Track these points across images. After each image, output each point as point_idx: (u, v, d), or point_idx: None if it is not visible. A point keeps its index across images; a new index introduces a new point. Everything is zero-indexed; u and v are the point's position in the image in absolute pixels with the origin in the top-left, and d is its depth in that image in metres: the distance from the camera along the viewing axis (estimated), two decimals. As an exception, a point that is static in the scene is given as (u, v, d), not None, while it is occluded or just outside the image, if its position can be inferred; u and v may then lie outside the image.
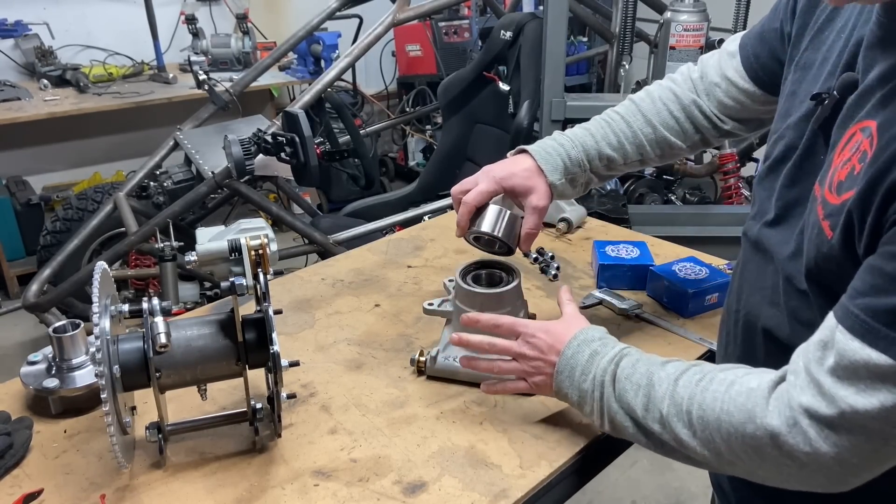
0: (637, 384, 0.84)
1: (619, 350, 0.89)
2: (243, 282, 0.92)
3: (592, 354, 0.90)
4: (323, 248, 2.46)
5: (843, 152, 0.71)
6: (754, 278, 0.89)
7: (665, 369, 0.83)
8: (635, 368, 0.85)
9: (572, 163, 1.09)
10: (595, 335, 0.93)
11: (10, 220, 3.54)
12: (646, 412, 0.82)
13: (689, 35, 2.17)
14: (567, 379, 0.92)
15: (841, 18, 0.82)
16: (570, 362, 0.91)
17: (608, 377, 0.87)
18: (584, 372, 0.90)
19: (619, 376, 0.86)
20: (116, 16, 4.01)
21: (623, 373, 0.86)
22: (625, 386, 0.85)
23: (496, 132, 2.91)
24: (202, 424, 1.01)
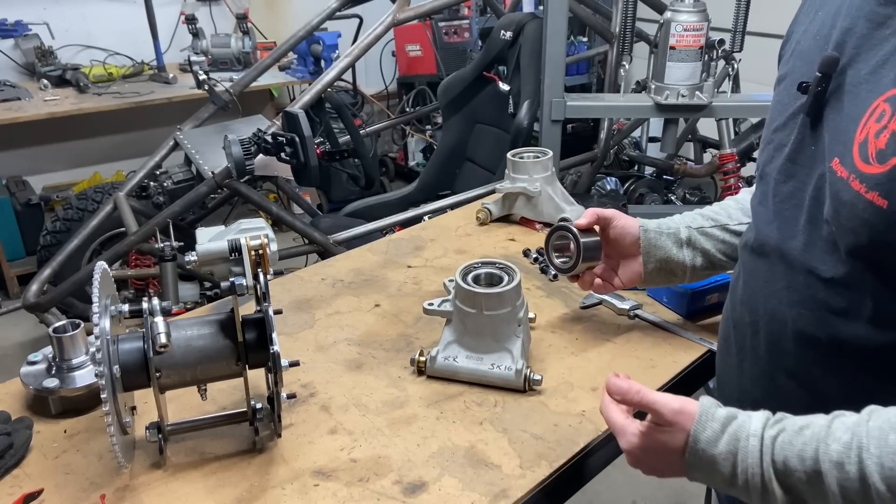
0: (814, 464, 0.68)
1: (757, 434, 0.72)
2: (243, 282, 0.92)
3: (728, 458, 0.74)
4: (323, 248, 2.46)
5: (870, 124, 0.71)
6: (765, 283, 0.87)
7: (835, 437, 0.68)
8: (803, 449, 0.69)
9: None
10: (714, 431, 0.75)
11: (10, 220, 3.54)
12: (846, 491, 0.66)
13: (689, 35, 2.16)
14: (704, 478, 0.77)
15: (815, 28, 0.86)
16: (704, 469, 0.76)
17: (768, 476, 0.71)
18: (729, 481, 0.74)
19: (786, 467, 0.70)
20: (116, 16, 4.01)
21: (790, 463, 0.70)
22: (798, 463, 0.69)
23: (496, 132, 2.91)
24: (202, 424, 1.01)
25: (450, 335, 1.14)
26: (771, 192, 0.86)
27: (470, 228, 1.69)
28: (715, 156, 3.22)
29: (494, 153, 2.86)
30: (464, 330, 1.12)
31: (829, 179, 0.76)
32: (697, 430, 0.75)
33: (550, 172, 1.66)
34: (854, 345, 0.75)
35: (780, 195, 0.85)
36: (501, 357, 1.10)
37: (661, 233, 1.12)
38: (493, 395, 1.09)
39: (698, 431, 0.75)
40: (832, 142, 0.76)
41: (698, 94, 2.23)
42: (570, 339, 1.23)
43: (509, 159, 1.65)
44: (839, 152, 0.74)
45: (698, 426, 0.75)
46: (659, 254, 1.12)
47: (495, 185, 1.73)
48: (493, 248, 1.59)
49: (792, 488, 0.70)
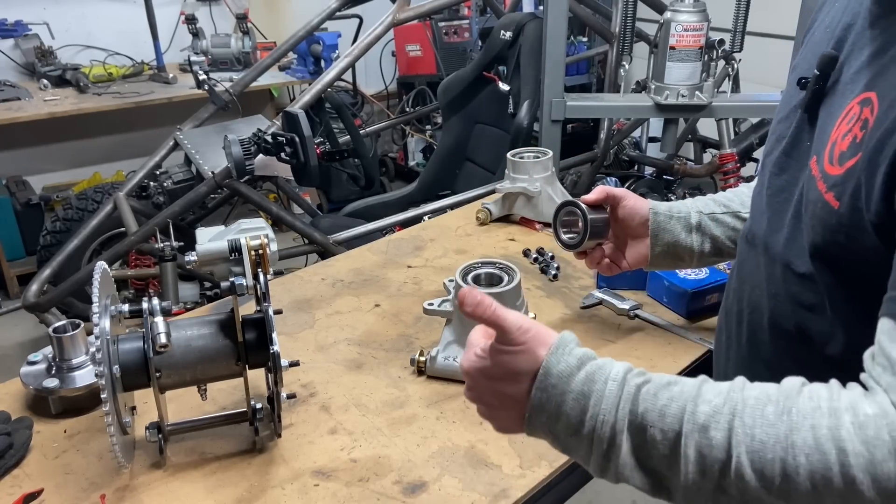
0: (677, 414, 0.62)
1: (619, 379, 0.66)
2: (243, 282, 0.92)
3: (581, 399, 0.66)
4: (323, 248, 2.46)
5: (841, 126, 0.72)
6: (751, 274, 0.89)
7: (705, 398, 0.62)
8: (665, 405, 0.63)
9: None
10: (570, 364, 0.67)
11: (10, 220, 3.54)
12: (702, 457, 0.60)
13: (689, 35, 2.16)
14: (548, 419, 0.68)
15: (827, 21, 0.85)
16: (549, 399, 0.67)
17: (619, 427, 0.65)
18: (575, 423, 0.67)
19: (645, 419, 0.64)
20: (116, 16, 4.01)
21: (649, 414, 0.63)
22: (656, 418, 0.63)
23: (496, 132, 2.91)
24: (202, 424, 1.01)
25: (450, 335, 1.14)
26: (766, 183, 0.88)
27: (470, 228, 1.69)
28: (715, 156, 3.22)
29: (494, 153, 2.86)
30: (464, 330, 1.12)
31: (806, 178, 0.77)
32: (551, 361, 0.66)
33: (550, 172, 1.66)
34: (820, 340, 0.76)
35: (773, 187, 0.86)
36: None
37: (670, 216, 1.10)
38: (493, 395, 1.09)
39: (551, 364, 0.66)
40: (816, 140, 0.78)
41: (698, 94, 2.23)
42: (570, 339, 1.23)
43: (509, 159, 1.65)
44: (818, 151, 0.76)
45: (552, 357, 0.66)
46: (667, 237, 1.10)
47: (495, 185, 1.73)
48: (493, 248, 1.59)
49: (642, 446, 0.63)
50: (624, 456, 0.65)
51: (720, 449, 0.59)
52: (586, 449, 0.67)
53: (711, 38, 2.21)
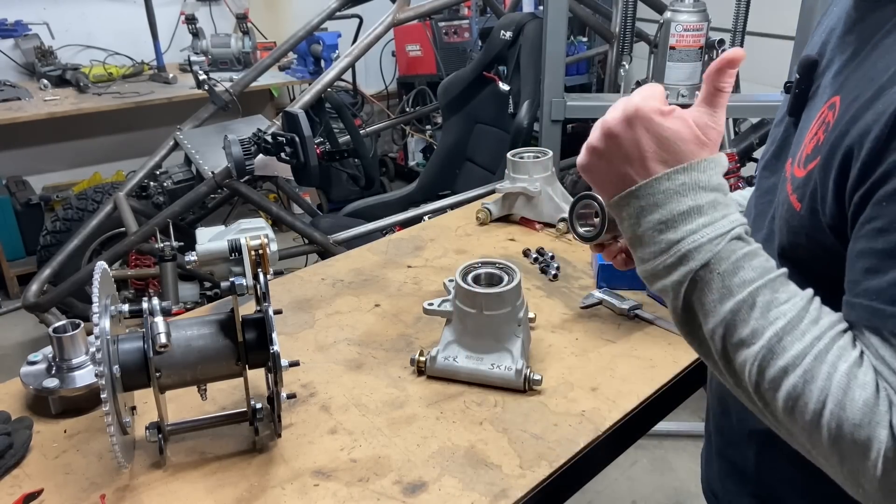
0: (729, 291, 0.64)
1: (729, 227, 0.65)
2: (243, 282, 0.92)
3: (693, 211, 0.66)
4: (323, 248, 2.46)
5: (812, 129, 0.74)
6: None
7: (777, 297, 0.64)
8: (738, 267, 0.64)
9: None
10: (712, 181, 0.67)
11: (10, 220, 3.54)
12: (723, 328, 0.64)
13: (689, 35, 2.16)
14: (637, 210, 0.68)
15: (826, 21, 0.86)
16: (658, 198, 0.67)
17: (696, 256, 0.65)
18: (668, 223, 0.66)
19: (712, 265, 0.64)
20: (116, 16, 4.01)
21: (720, 265, 0.64)
22: (711, 282, 0.65)
23: (496, 132, 2.91)
24: (202, 424, 1.01)
25: (450, 335, 1.14)
26: (756, 184, 0.90)
27: (470, 228, 1.69)
28: (715, 156, 3.22)
29: (494, 153, 2.86)
30: (464, 330, 1.12)
31: (782, 179, 0.79)
32: (704, 164, 0.67)
33: (550, 172, 1.66)
34: None
35: (761, 189, 0.87)
36: (501, 357, 1.10)
37: None
38: (493, 395, 1.09)
39: (702, 166, 0.67)
40: (794, 144, 0.79)
41: (698, 93, 2.22)
42: (570, 339, 1.23)
43: (509, 159, 1.65)
44: (794, 154, 0.77)
45: (707, 162, 0.67)
46: None
47: (495, 185, 1.73)
48: (493, 248, 1.59)
49: (702, 280, 0.65)
50: (680, 275, 0.66)
51: (751, 330, 0.63)
52: (657, 249, 0.67)
53: (711, 38, 2.21)
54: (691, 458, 2.47)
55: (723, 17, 2.37)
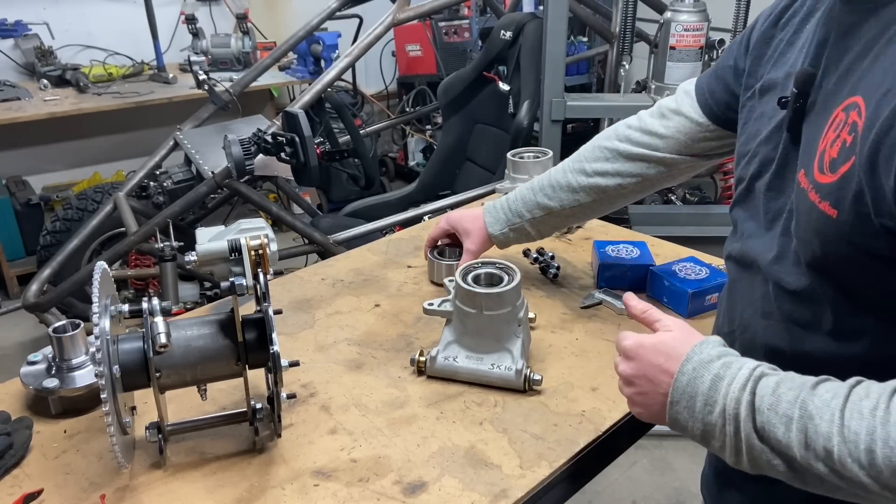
0: (788, 416, 0.66)
1: (749, 372, 0.71)
2: (243, 282, 0.92)
3: (716, 379, 0.72)
4: (323, 248, 2.46)
5: (828, 135, 0.72)
6: (744, 295, 0.88)
7: (820, 395, 0.66)
8: (779, 396, 0.68)
9: (512, 213, 1.31)
10: (713, 353, 0.75)
11: (10, 220, 3.54)
12: (805, 450, 0.65)
13: (689, 35, 2.17)
14: (686, 410, 0.74)
15: (801, 38, 0.86)
16: (688, 391, 0.74)
17: (744, 409, 0.69)
18: (709, 402, 0.72)
19: (760, 407, 0.68)
20: (116, 16, 4.01)
21: (764, 402, 0.68)
22: (770, 419, 0.67)
23: (496, 132, 2.91)
24: (202, 424, 1.01)
25: (450, 335, 1.14)
26: (762, 209, 0.86)
27: (470, 228, 1.69)
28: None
29: (494, 153, 2.86)
30: (464, 330, 1.12)
31: (795, 192, 0.77)
32: (695, 349, 0.75)
33: (550, 172, 1.66)
34: (817, 358, 0.75)
35: (771, 212, 0.85)
36: (501, 357, 1.10)
37: (504, 233, 1.32)
38: (493, 395, 1.09)
39: (695, 352, 0.75)
40: (803, 154, 0.77)
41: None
42: (570, 339, 1.23)
43: (509, 159, 1.65)
44: (805, 164, 0.75)
45: (697, 347, 0.75)
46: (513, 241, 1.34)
47: (495, 185, 1.73)
48: (493, 248, 1.59)
49: (762, 427, 0.69)
50: (747, 438, 0.69)
51: (824, 436, 0.64)
52: (720, 429, 0.71)
53: (711, 38, 2.22)
54: (691, 458, 2.47)
55: (723, 17, 2.37)
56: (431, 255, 1.41)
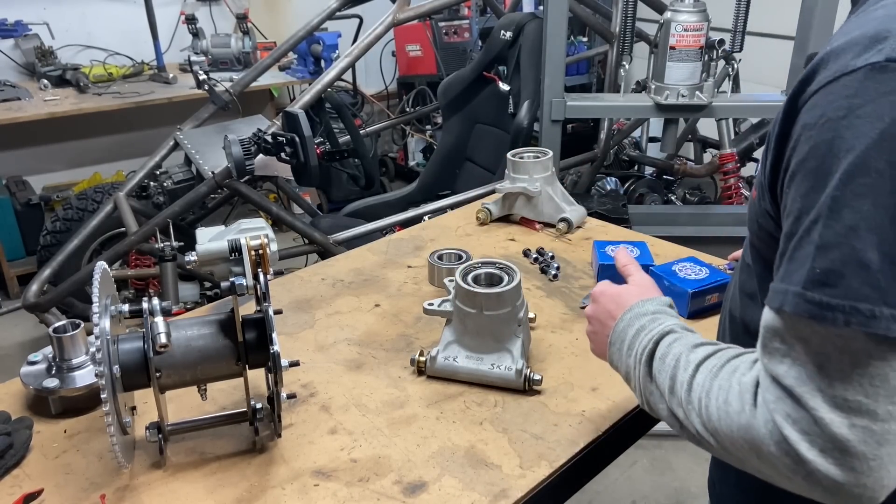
0: (668, 366, 0.78)
1: (662, 329, 0.82)
2: (243, 282, 0.92)
3: (639, 330, 0.84)
4: (323, 248, 2.46)
5: None
6: (737, 272, 0.93)
7: (693, 354, 0.76)
8: (670, 349, 0.79)
9: None
10: (649, 308, 0.86)
11: (10, 220, 3.54)
12: (671, 395, 0.77)
13: (689, 35, 2.16)
14: (616, 352, 0.87)
15: None
16: (621, 335, 0.86)
17: (646, 357, 0.81)
18: (630, 348, 0.84)
19: (656, 356, 0.80)
20: (116, 16, 4.01)
21: (659, 353, 0.80)
22: (658, 367, 0.79)
23: (496, 132, 2.91)
24: (202, 424, 1.01)
25: (450, 335, 1.14)
26: None
27: (470, 228, 1.69)
28: (715, 156, 3.22)
29: (494, 153, 2.86)
30: (464, 330, 1.12)
31: None
32: (639, 303, 0.88)
33: (550, 172, 1.66)
34: (755, 325, 0.77)
35: None
36: (501, 357, 1.10)
37: None
38: (493, 395, 1.09)
39: (639, 304, 0.87)
40: None
41: (698, 94, 2.23)
42: (570, 339, 1.23)
43: (509, 159, 1.65)
44: None
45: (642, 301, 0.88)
46: None
47: (495, 185, 1.73)
48: (493, 248, 1.59)
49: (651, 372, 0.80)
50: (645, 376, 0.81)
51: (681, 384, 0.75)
52: (633, 371, 0.83)
53: (711, 38, 2.21)
54: (691, 458, 2.47)
55: (723, 17, 2.37)
56: (431, 259, 1.40)
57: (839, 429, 0.59)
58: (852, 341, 0.58)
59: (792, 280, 0.61)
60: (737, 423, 0.67)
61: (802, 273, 0.60)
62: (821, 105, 0.61)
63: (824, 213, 0.59)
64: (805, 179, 0.62)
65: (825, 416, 0.59)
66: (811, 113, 0.62)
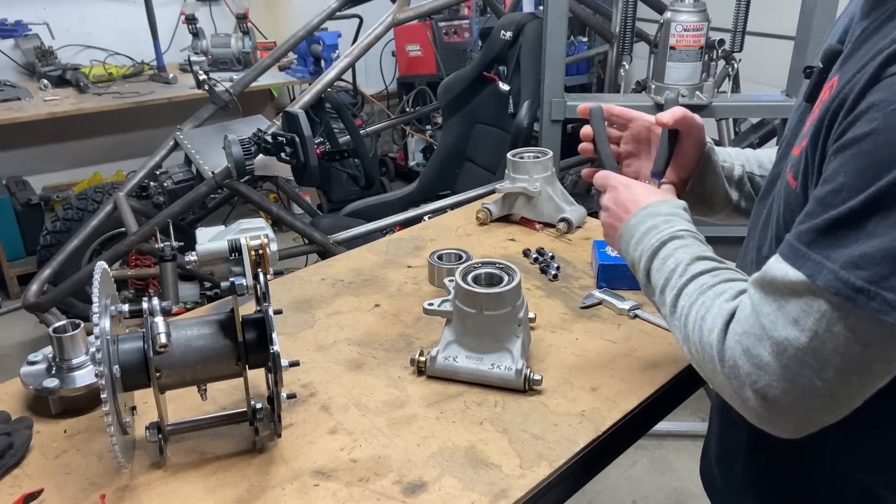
0: (667, 268, 0.86)
1: (671, 231, 0.89)
2: (243, 282, 0.92)
3: (650, 229, 0.91)
4: (323, 248, 2.46)
5: (815, 111, 0.75)
6: (741, 258, 0.93)
7: (692, 266, 0.84)
8: (673, 254, 0.87)
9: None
10: (663, 210, 0.93)
11: (10, 220, 3.54)
12: (661, 294, 0.87)
13: (689, 35, 2.16)
14: (625, 244, 0.95)
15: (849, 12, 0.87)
16: (632, 230, 0.94)
17: (650, 255, 0.89)
18: (639, 242, 0.92)
19: (659, 256, 0.88)
20: (116, 16, 4.02)
21: (663, 254, 0.88)
22: (658, 266, 0.88)
23: (496, 132, 2.91)
24: (202, 424, 1.01)
25: (450, 335, 1.14)
26: (769, 170, 0.92)
27: (470, 228, 1.69)
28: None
29: (494, 153, 2.86)
30: (464, 330, 1.12)
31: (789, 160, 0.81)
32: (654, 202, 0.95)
33: (550, 172, 1.66)
34: None
35: (771, 175, 0.89)
36: (501, 357, 1.10)
37: (719, 163, 1.11)
38: (493, 395, 1.09)
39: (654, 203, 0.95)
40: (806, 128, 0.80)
41: (698, 94, 2.23)
42: (570, 339, 1.23)
43: (509, 159, 1.65)
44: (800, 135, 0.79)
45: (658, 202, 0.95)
46: (710, 182, 1.11)
47: (495, 185, 1.73)
48: (493, 248, 1.59)
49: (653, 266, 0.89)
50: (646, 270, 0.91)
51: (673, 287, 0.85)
52: (638, 263, 0.92)
53: (711, 38, 2.21)
54: (691, 458, 2.47)
55: (723, 17, 2.37)
56: (431, 259, 1.40)
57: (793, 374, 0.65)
58: (868, 327, 0.60)
59: (830, 256, 0.62)
60: (706, 340, 0.75)
61: (844, 254, 0.61)
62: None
63: (877, 202, 0.59)
64: (856, 159, 0.62)
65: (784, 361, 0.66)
66: (881, 94, 0.62)
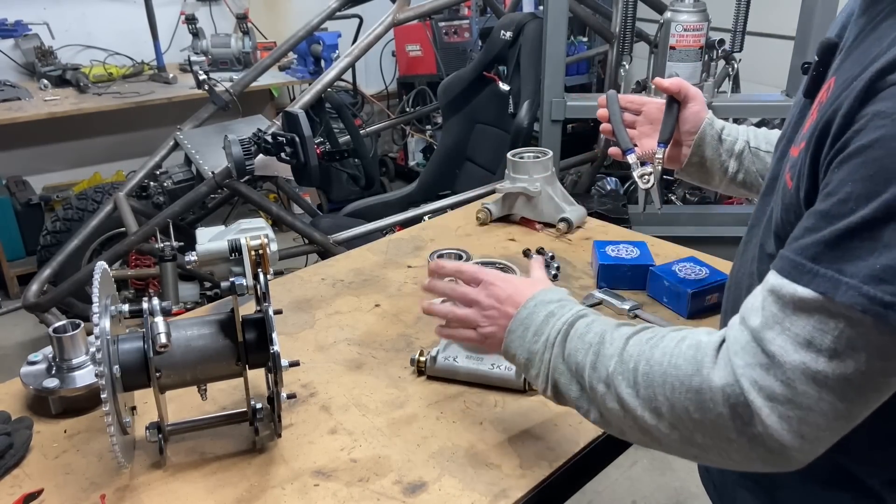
0: (589, 343, 0.79)
1: (576, 311, 0.84)
2: (243, 282, 0.92)
3: (549, 315, 0.85)
4: (323, 248, 2.46)
5: (814, 110, 0.74)
6: (742, 254, 0.92)
7: (619, 330, 0.79)
8: (590, 328, 0.81)
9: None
10: (554, 297, 0.88)
11: (10, 220, 3.54)
12: (593, 371, 0.77)
13: (689, 35, 2.17)
14: (518, 339, 0.87)
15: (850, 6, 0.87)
16: (525, 322, 0.86)
17: (560, 337, 0.82)
18: (538, 333, 0.85)
19: (572, 336, 0.81)
20: (116, 16, 4.01)
21: (576, 332, 0.81)
22: (576, 345, 0.80)
23: (496, 132, 2.91)
24: (202, 424, 1.01)
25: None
26: (770, 173, 0.89)
27: (470, 228, 1.69)
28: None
29: (494, 153, 2.86)
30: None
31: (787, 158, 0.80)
32: (541, 291, 0.89)
33: (550, 172, 1.66)
34: None
35: (772, 172, 0.87)
36: (501, 357, 1.10)
37: (719, 135, 1.16)
38: (493, 395, 1.09)
39: (541, 292, 0.89)
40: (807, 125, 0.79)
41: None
42: (570, 339, 1.23)
43: (509, 159, 1.65)
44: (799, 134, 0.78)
45: (544, 290, 0.90)
46: (708, 152, 1.16)
47: (495, 185, 1.73)
48: (493, 248, 1.59)
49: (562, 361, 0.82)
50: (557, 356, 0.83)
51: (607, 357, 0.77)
52: (540, 356, 0.84)
53: (711, 38, 2.22)
54: (691, 458, 2.47)
55: (723, 17, 2.37)
56: (431, 259, 1.39)
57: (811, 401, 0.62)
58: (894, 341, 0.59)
59: (844, 270, 0.60)
60: (687, 385, 0.69)
61: (862, 267, 0.59)
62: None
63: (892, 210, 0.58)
64: (865, 166, 0.60)
65: (802, 388, 0.62)
66: (886, 103, 0.60)
